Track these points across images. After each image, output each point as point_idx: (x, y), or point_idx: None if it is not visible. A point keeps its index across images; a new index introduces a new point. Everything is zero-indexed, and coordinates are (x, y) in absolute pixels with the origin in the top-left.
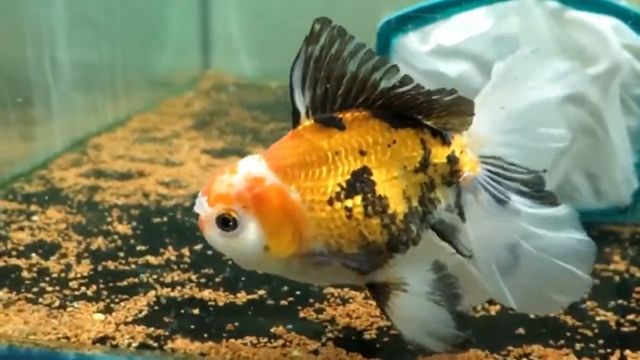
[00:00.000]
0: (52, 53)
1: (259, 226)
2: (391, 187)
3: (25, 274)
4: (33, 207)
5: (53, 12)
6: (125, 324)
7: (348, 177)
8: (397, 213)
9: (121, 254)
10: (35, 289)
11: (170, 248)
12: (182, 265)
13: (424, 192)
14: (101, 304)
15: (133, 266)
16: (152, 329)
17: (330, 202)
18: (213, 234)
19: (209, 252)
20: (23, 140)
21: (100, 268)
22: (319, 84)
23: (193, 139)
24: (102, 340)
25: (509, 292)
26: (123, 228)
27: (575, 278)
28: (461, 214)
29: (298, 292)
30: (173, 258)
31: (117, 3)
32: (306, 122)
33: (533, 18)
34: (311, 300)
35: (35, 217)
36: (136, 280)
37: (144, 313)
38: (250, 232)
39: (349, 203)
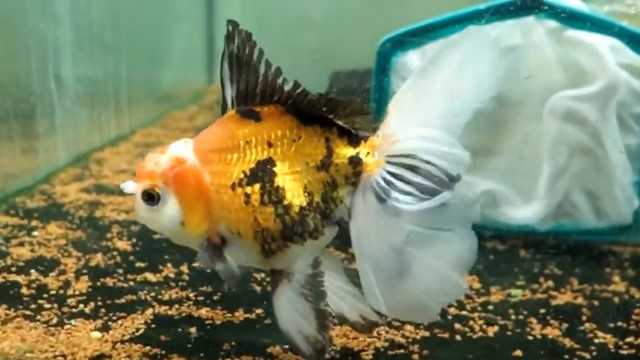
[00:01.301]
0: (56, 68)
1: (177, 202)
2: (292, 180)
3: (24, 290)
4: (34, 223)
5: (59, 28)
6: (122, 342)
7: (253, 165)
8: (292, 205)
9: (120, 271)
10: (33, 306)
11: (169, 265)
12: (180, 283)
13: (327, 190)
14: (99, 322)
15: (131, 283)
16: (148, 347)
17: (233, 187)
18: (139, 207)
19: (208, 270)
20: (26, 155)
21: (98, 285)
22: (241, 79)
23: None
24: (98, 358)
25: (381, 296)
26: (123, 244)
27: (453, 283)
28: (349, 213)
29: None
30: (172, 275)
31: (123, 18)
32: (230, 112)
33: (533, 36)
34: None
35: (35, 233)
36: (134, 297)
37: (141, 331)
38: (169, 207)
39: (248, 190)
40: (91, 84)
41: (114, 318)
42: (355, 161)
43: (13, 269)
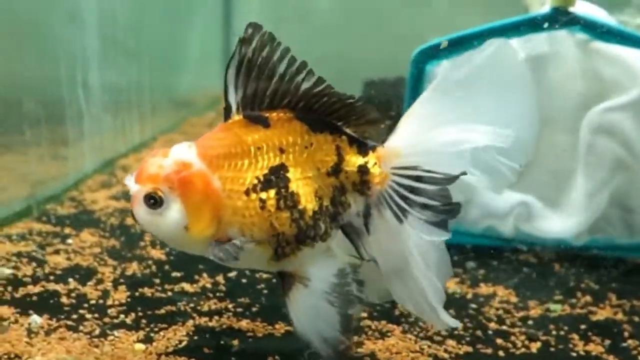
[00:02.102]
0: (84, 75)
1: (182, 207)
2: (304, 185)
3: (64, 300)
4: (67, 230)
5: (86, 36)
6: (167, 354)
7: (266, 171)
8: (306, 209)
9: (157, 281)
10: (74, 316)
11: (204, 275)
12: (217, 294)
13: (335, 195)
14: (141, 333)
15: (169, 293)
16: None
17: (247, 192)
18: (140, 210)
19: (244, 280)
20: (55, 161)
21: (137, 295)
22: (250, 83)
23: None
24: None
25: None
26: (156, 253)
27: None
28: (366, 225)
29: None
30: (208, 286)
31: (144, 25)
32: (236, 117)
33: (561, 46)
34: None
35: (70, 240)
36: (174, 308)
37: (184, 343)
38: (173, 211)
39: (263, 195)
40: (116, 91)
41: (156, 329)
42: (363, 170)
43: (51, 277)
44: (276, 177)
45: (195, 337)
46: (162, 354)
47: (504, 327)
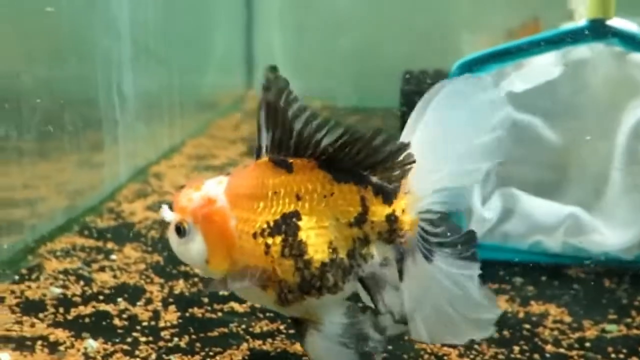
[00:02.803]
0: (119, 83)
1: (203, 241)
2: (317, 235)
3: (116, 321)
4: (109, 245)
5: (120, 44)
6: None
7: (278, 217)
8: (313, 260)
9: (205, 300)
10: (129, 339)
11: None
12: (267, 314)
13: (356, 246)
14: (197, 358)
15: (220, 314)
16: None
17: (255, 235)
18: (171, 237)
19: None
20: (92, 170)
21: (187, 315)
22: (276, 129)
23: None
24: None
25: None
26: None
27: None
28: (400, 273)
29: (390, 347)
30: (257, 305)
31: (171, 30)
32: (264, 159)
33: (598, 52)
34: (405, 357)
35: (113, 256)
36: (226, 330)
37: None
38: (196, 243)
39: (269, 240)
40: (147, 97)
41: (211, 353)
42: (392, 219)
43: (100, 297)
44: (286, 224)
45: None
46: None
47: (562, 350)
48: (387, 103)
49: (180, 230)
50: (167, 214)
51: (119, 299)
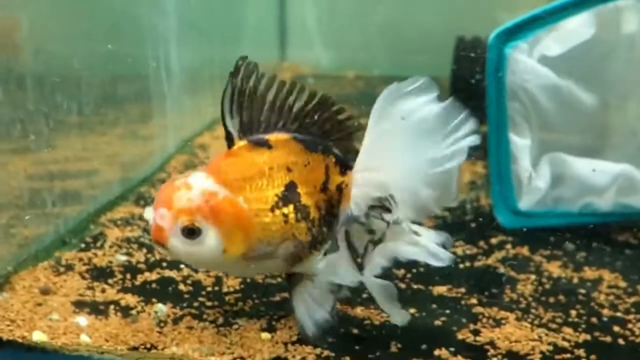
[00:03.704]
0: (166, 58)
1: (218, 233)
2: (309, 198)
3: (182, 287)
4: None
5: (166, 20)
6: (292, 343)
7: (282, 188)
8: (315, 219)
9: None
10: (195, 304)
11: None
12: None
13: (328, 207)
14: (263, 322)
15: (278, 279)
16: (319, 349)
17: (272, 209)
18: (176, 243)
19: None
20: (143, 143)
21: (248, 281)
22: (244, 111)
23: None
24: None
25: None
26: None
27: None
28: (347, 235)
29: (447, 311)
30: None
31: (212, 5)
32: (240, 143)
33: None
34: (464, 321)
35: None
36: (286, 295)
37: None
38: (211, 239)
39: (285, 210)
40: (191, 70)
41: (275, 317)
42: (339, 189)
43: (164, 264)
44: (291, 193)
45: None
46: (288, 342)
47: (618, 314)
48: (423, 71)
49: (193, 232)
50: (164, 220)
51: (182, 266)
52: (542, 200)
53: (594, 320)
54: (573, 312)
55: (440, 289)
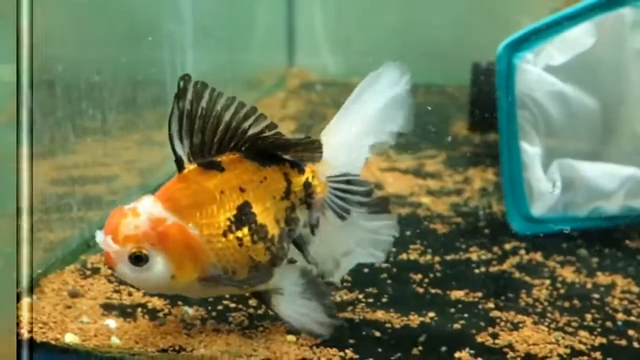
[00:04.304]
0: (182, 65)
1: (166, 259)
2: (266, 215)
3: None
4: None
5: (184, 28)
6: (317, 345)
7: (234, 211)
8: (274, 236)
9: None
10: (219, 307)
11: None
12: (344, 284)
13: (288, 214)
14: (285, 326)
15: None
16: (343, 351)
17: (225, 234)
18: (124, 269)
19: (365, 270)
20: (158, 149)
21: None
22: (195, 133)
23: None
24: None
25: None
26: None
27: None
28: (312, 229)
29: (465, 315)
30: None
31: (224, 11)
32: (190, 167)
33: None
34: (482, 324)
35: None
36: None
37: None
38: (159, 265)
39: (239, 234)
40: (205, 78)
41: None
42: (307, 185)
43: None
44: (244, 215)
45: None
46: (313, 345)
47: (632, 318)
48: (431, 79)
49: (140, 259)
50: (111, 247)
51: None
52: (553, 206)
53: (608, 324)
54: (588, 316)
55: (457, 294)
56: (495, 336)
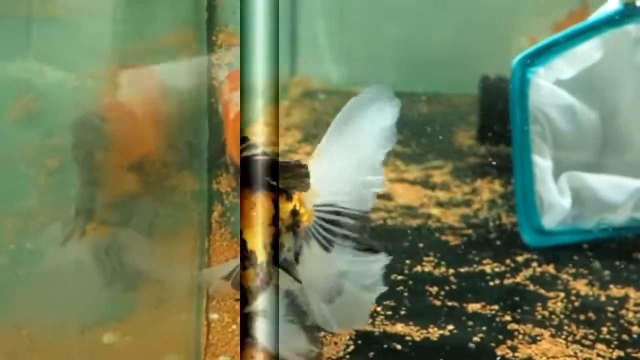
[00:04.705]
0: None
1: None
2: (255, 242)
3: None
4: None
5: None
6: (339, 359)
7: None
8: (263, 262)
9: None
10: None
11: None
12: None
13: (275, 240)
14: None
15: None
16: None
17: None
18: None
19: None
20: None
21: None
22: None
23: (310, 155)
24: None
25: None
26: None
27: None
28: (296, 257)
29: (484, 328)
30: None
31: None
32: None
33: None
34: (500, 337)
35: None
36: None
37: (350, 348)
38: None
39: None
40: None
41: (321, 334)
42: (294, 213)
43: None
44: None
45: (359, 342)
46: (335, 358)
47: None
48: (434, 87)
49: None
50: None
51: None
52: (563, 219)
53: (625, 337)
54: (604, 329)
55: (474, 306)
56: (514, 349)
